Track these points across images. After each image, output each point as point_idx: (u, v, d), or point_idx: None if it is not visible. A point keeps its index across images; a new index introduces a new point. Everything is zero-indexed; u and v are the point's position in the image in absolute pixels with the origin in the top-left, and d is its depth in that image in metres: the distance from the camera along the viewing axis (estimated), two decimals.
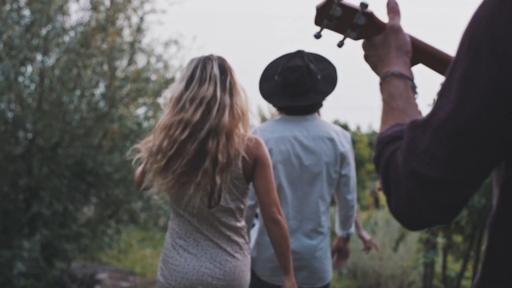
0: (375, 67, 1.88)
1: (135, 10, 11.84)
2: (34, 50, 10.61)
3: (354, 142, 19.10)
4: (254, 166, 3.79)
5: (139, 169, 4.17)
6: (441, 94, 1.45)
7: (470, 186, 1.44)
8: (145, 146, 3.95)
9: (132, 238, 13.08)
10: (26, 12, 10.96)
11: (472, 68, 1.37)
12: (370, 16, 1.89)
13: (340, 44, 1.97)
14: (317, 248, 4.60)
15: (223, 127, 3.66)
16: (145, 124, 11.63)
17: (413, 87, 1.78)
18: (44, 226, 10.53)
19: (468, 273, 8.34)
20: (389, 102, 1.73)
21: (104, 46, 11.22)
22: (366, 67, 1.90)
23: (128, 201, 11.51)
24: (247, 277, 3.86)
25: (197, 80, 3.76)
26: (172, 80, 11.48)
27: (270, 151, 4.41)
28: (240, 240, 3.87)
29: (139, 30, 11.57)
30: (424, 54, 1.91)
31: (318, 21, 1.93)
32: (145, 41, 11.91)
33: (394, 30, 1.84)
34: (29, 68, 10.99)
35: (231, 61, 3.88)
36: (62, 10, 10.79)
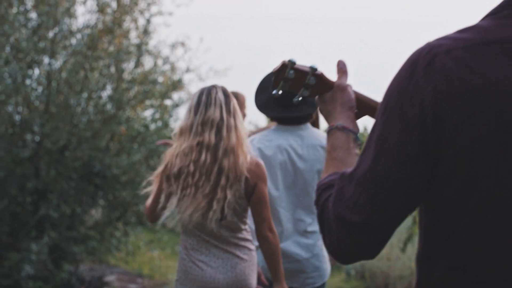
0: (326, 120, 2.14)
1: (141, 12, 11.85)
2: (41, 52, 10.63)
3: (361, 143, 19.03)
4: (254, 187, 4.12)
5: (149, 201, 4.51)
6: (363, 151, 1.72)
7: (388, 228, 1.70)
8: (160, 174, 4.26)
9: (140, 240, 13.06)
10: (33, 15, 10.99)
11: (385, 132, 1.65)
12: (320, 77, 2.17)
13: (296, 101, 2.29)
14: (314, 246, 4.83)
15: (232, 147, 4.04)
16: (152, 126, 11.62)
17: (355, 139, 2.03)
18: (52, 229, 10.54)
19: None
20: (331, 152, 2.00)
21: (111, 48, 11.24)
22: (373, 72, 2.02)
23: (135, 203, 11.51)
24: (254, 275, 4.28)
25: (203, 104, 4.09)
26: (179, 82, 11.49)
27: (269, 157, 4.70)
28: (246, 244, 4.27)
29: (145, 32, 11.58)
30: (368, 107, 2.18)
31: (276, 82, 2.20)
32: (152, 43, 11.92)
33: (340, 88, 2.12)
34: (36, 71, 11.01)
35: (237, 63, 4.04)
36: (69, 12, 10.82)
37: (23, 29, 10.62)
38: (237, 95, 6.48)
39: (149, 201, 4.51)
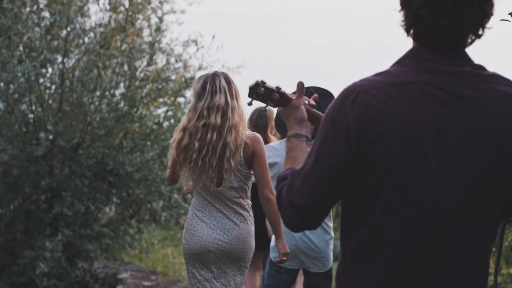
0: (287, 127, 2.90)
1: (154, 10, 11.88)
2: (54, 51, 10.68)
3: None
4: (252, 156, 4.90)
5: (168, 168, 5.20)
6: (309, 154, 2.42)
7: (324, 209, 2.42)
8: (172, 145, 4.98)
9: (154, 237, 13.08)
10: (46, 14, 11.04)
11: (322, 143, 2.35)
12: (283, 94, 2.98)
13: (263, 109, 3.27)
14: (329, 241, 5.70)
15: (235, 124, 4.85)
16: (165, 124, 11.64)
17: (307, 140, 2.80)
18: (66, 227, 10.60)
19: (491, 269, 8.32)
20: (288, 153, 2.76)
21: (124, 46, 11.27)
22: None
23: (149, 200, 11.55)
24: (251, 242, 5.02)
25: (209, 92, 4.87)
26: (192, 79, 11.50)
27: (278, 164, 5.58)
28: (244, 213, 5.01)
29: (158, 30, 11.61)
30: (316, 119, 2.93)
31: (250, 94, 3.04)
32: (165, 41, 11.94)
33: (295, 106, 2.89)
34: (50, 70, 11.06)
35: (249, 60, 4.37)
36: (82, 11, 10.86)
37: (36, 28, 10.67)
38: (265, 114, 7.15)
39: (168, 169, 5.19)
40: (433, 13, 2.29)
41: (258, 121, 7.13)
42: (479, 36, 2.36)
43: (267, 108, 3.14)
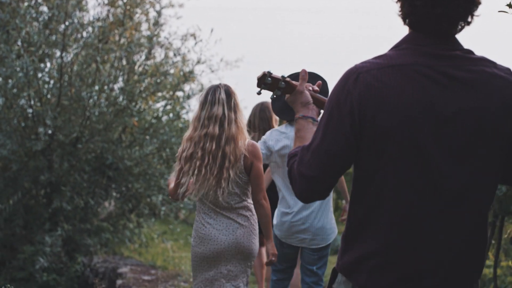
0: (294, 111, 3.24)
1: (152, 4, 11.87)
2: (53, 46, 10.67)
3: None
4: (251, 164, 5.24)
5: (171, 178, 5.54)
6: (316, 131, 2.69)
7: (331, 180, 2.68)
8: (179, 156, 5.32)
9: (153, 231, 13.09)
10: (44, 9, 11.02)
11: (328, 120, 2.61)
12: (288, 82, 3.29)
13: (272, 97, 3.44)
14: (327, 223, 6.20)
15: (233, 136, 5.16)
16: (164, 118, 11.63)
17: (313, 121, 3.11)
18: (66, 221, 10.61)
19: (490, 262, 8.31)
20: (296, 133, 3.08)
21: (122, 40, 11.26)
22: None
23: (148, 195, 11.56)
24: (254, 240, 5.36)
25: (209, 103, 5.20)
26: (190, 73, 11.50)
27: (272, 152, 6.10)
28: (247, 213, 5.34)
29: (156, 24, 11.60)
30: (320, 103, 3.25)
31: (259, 85, 3.35)
32: (163, 35, 11.94)
33: (299, 92, 3.22)
34: (48, 64, 11.05)
35: (248, 54, 4.45)
36: (80, 5, 10.84)
37: (34, 23, 10.66)
38: (267, 106, 7.52)
39: (171, 179, 5.50)
40: (428, 3, 2.55)
41: (262, 114, 7.52)
42: (468, 23, 2.63)
43: (272, 96, 3.46)
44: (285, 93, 3.34)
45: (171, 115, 11.67)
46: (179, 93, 11.75)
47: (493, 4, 2.55)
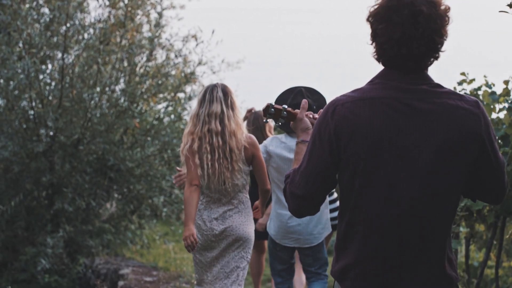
0: (297, 136, 3.73)
1: (153, 5, 11.87)
2: (54, 47, 10.67)
3: None
4: (251, 154, 5.72)
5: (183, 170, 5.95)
6: (304, 156, 3.11)
7: (318, 198, 3.11)
8: (185, 151, 5.69)
9: (155, 233, 13.09)
10: (46, 10, 11.03)
11: (312, 146, 3.05)
12: (289, 112, 3.77)
13: (278, 125, 3.92)
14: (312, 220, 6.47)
15: (233, 131, 5.63)
16: (166, 119, 11.63)
17: None
18: (67, 223, 10.61)
19: (491, 262, 8.31)
20: (295, 156, 3.56)
21: (123, 42, 11.27)
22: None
23: (150, 196, 11.56)
24: (247, 228, 5.84)
25: (208, 101, 5.64)
26: (192, 74, 11.50)
27: (278, 154, 6.37)
28: (240, 206, 5.85)
29: (157, 25, 11.59)
30: None
31: (264, 115, 3.84)
32: (164, 36, 11.93)
33: (299, 119, 3.71)
34: (49, 66, 11.06)
35: (247, 55, 4.90)
36: (81, 7, 10.85)
37: (35, 25, 10.67)
38: (260, 115, 7.90)
39: (184, 174, 5.91)
40: (394, 46, 2.97)
41: (256, 122, 7.87)
42: (436, 58, 3.04)
43: (278, 124, 3.95)
44: (288, 121, 3.82)
45: (172, 116, 11.67)
46: (181, 95, 11.75)
47: (493, 4, 2.62)
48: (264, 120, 4.00)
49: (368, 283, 3.05)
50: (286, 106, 3.79)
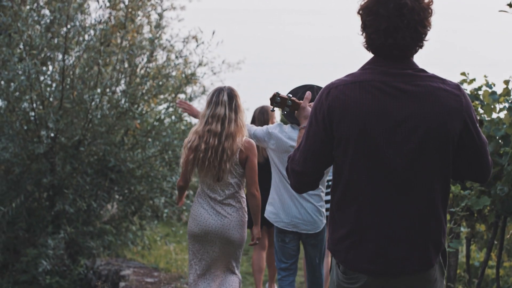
0: (300, 123, 4.20)
1: (154, 7, 11.88)
2: (55, 49, 10.68)
3: None
4: (246, 158, 6.11)
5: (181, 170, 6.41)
6: (302, 136, 3.47)
7: (316, 174, 3.46)
8: (185, 147, 6.20)
9: (156, 234, 13.10)
10: (46, 12, 11.04)
11: (309, 125, 3.41)
12: (293, 101, 4.20)
13: (283, 113, 4.71)
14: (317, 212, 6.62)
15: (231, 133, 6.04)
16: (166, 120, 11.63)
17: None
18: (68, 224, 10.61)
19: (492, 262, 8.31)
20: (298, 140, 3.95)
21: (124, 43, 11.27)
22: None
23: (151, 197, 11.56)
24: (240, 229, 6.21)
25: (214, 103, 6.09)
26: (192, 75, 11.50)
27: (284, 143, 6.49)
28: (237, 205, 6.23)
29: (158, 26, 11.59)
30: None
31: (271, 103, 4.25)
32: (165, 37, 11.95)
33: (302, 108, 4.18)
34: (50, 67, 11.06)
35: (248, 55, 5.35)
36: (82, 8, 10.85)
37: (36, 26, 10.68)
38: (266, 110, 8.28)
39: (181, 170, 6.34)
40: (381, 36, 3.31)
41: (260, 116, 8.20)
42: (421, 47, 3.37)
43: (283, 112, 4.56)
44: (292, 110, 4.18)
45: (173, 117, 11.68)
46: (181, 95, 11.75)
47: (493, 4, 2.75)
48: (271, 109, 4.29)
49: (359, 253, 3.35)
50: (291, 95, 4.22)
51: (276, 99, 4.19)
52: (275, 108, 4.36)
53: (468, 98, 3.39)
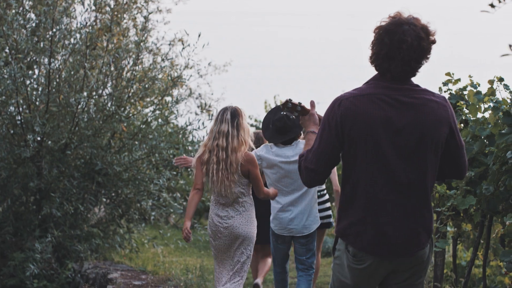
0: (305, 128, 4.63)
1: (139, 10, 11.87)
2: (41, 52, 10.66)
3: None
4: (248, 170, 6.79)
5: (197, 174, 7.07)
6: (315, 139, 4.12)
7: (326, 171, 4.10)
8: (197, 159, 6.94)
9: (144, 236, 13.08)
10: (32, 16, 11.02)
11: (322, 130, 4.06)
12: (302, 107, 4.66)
13: (292, 117, 6.43)
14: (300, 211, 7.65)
15: (235, 147, 6.74)
16: (153, 123, 11.61)
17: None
18: (56, 228, 10.59)
19: (479, 261, 8.35)
20: (307, 141, 4.43)
21: (110, 46, 11.26)
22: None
23: (138, 200, 11.55)
24: (246, 228, 6.90)
25: (219, 121, 6.81)
26: (179, 78, 11.48)
27: (272, 160, 7.58)
28: (241, 209, 6.92)
29: (144, 29, 11.58)
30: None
31: (283, 108, 4.71)
32: (151, 40, 11.93)
33: (311, 114, 4.61)
34: (36, 71, 11.04)
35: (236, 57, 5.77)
36: (67, 12, 10.84)
37: (22, 30, 10.65)
38: (261, 137, 8.77)
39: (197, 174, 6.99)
40: (379, 59, 3.99)
41: (256, 142, 8.57)
42: (413, 75, 4.07)
43: (292, 116, 5.31)
44: (301, 114, 4.68)
45: (159, 120, 11.66)
46: (168, 98, 11.72)
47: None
48: (282, 113, 5.21)
49: (365, 238, 4.03)
50: (301, 102, 4.69)
51: (288, 105, 4.70)
52: (285, 113, 5.10)
53: (451, 108, 4.13)
